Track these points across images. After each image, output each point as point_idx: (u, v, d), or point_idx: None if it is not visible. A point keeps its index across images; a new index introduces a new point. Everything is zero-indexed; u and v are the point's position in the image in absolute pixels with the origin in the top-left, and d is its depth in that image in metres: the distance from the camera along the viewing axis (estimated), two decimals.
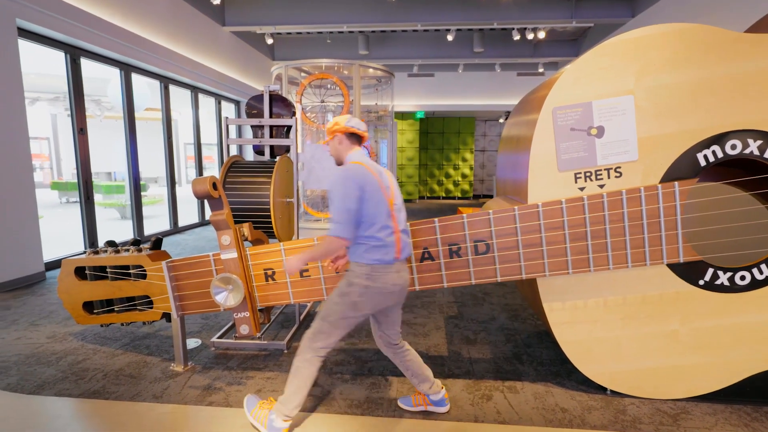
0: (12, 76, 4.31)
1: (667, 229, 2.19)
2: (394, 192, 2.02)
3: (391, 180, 2.05)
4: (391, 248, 1.95)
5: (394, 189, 2.04)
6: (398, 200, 2.04)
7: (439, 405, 2.22)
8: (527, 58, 10.69)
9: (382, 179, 1.97)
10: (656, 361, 2.32)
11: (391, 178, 2.06)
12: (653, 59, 2.12)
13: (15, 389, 2.44)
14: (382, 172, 2.00)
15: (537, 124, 2.23)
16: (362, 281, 1.93)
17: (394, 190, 2.03)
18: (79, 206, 5.56)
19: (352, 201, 1.84)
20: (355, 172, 1.89)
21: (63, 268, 2.71)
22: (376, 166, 2.00)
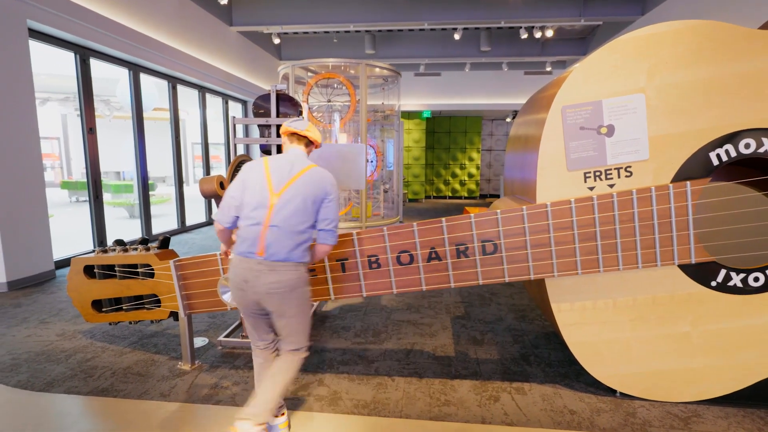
0: (23, 76, 4.36)
1: (679, 229, 2.15)
2: (289, 189, 1.85)
3: (304, 178, 1.87)
4: (248, 240, 1.83)
5: (294, 187, 1.85)
6: (291, 199, 1.83)
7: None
8: (535, 57, 10.62)
9: (278, 174, 1.87)
10: (667, 363, 2.29)
11: (303, 177, 1.87)
12: (665, 57, 2.09)
13: (25, 386, 2.46)
14: (288, 168, 1.89)
15: (546, 122, 2.20)
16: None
17: (294, 188, 1.85)
18: (89, 205, 5.61)
19: (234, 189, 1.92)
20: (249, 165, 1.97)
21: (72, 267, 2.73)
22: (286, 162, 1.91)
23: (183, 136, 13.53)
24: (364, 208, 6.82)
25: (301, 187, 1.87)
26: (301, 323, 1.96)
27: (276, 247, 1.83)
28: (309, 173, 1.92)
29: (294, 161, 1.95)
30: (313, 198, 1.89)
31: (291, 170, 1.91)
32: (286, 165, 1.93)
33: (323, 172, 1.96)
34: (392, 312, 3.72)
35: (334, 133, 7.46)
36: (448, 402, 2.33)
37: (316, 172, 1.93)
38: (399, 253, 2.33)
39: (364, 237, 2.35)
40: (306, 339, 2.00)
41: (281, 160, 1.95)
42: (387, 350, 2.97)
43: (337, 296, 2.45)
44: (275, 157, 1.98)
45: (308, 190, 1.88)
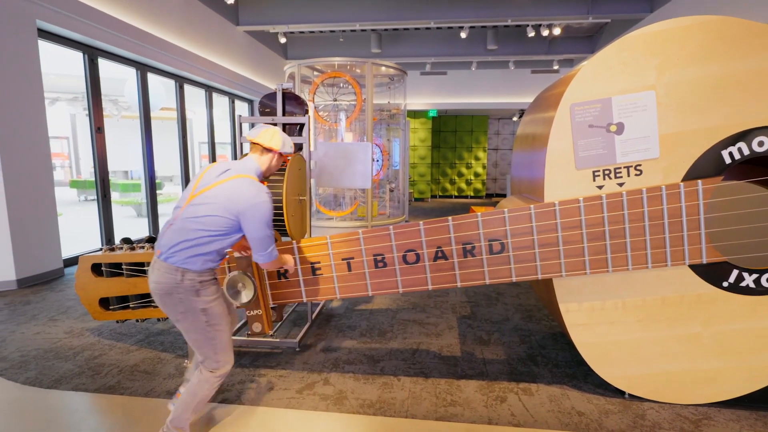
0: (32, 76, 4.40)
1: (690, 228, 2.12)
2: (205, 194, 1.78)
3: (222, 187, 1.78)
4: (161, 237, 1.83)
5: (210, 193, 1.77)
6: (201, 203, 1.77)
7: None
8: (542, 56, 10.54)
9: (208, 177, 1.83)
10: (677, 364, 2.26)
11: (222, 185, 1.78)
12: (676, 53, 2.06)
13: (34, 383, 2.48)
14: (219, 173, 1.83)
15: (554, 121, 2.18)
16: None
17: (209, 194, 1.77)
18: (97, 204, 5.66)
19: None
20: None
21: (80, 265, 2.75)
22: (225, 167, 1.85)
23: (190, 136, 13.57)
24: (369, 208, 6.81)
25: (213, 196, 1.76)
26: (194, 340, 1.84)
27: (164, 245, 1.78)
28: (229, 183, 1.77)
29: (232, 168, 1.85)
30: (224, 209, 1.75)
31: (219, 176, 1.81)
32: (221, 169, 1.85)
33: (242, 187, 1.76)
34: (398, 311, 3.71)
35: (340, 133, 7.46)
36: (455, 402, 2.31)
37: (235, 185, 1.77)
38: (405, 252, 2.32)
39: (369, 236, 2.34)
40: (213, 360, 1.85)
41: (223, 165, 1.88)
42: (393, 350, 2.96)
43: (342, 295, 2.44)
44: (225, 162, 1.94)
45: (219, 200, 1.75)
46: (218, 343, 1.87)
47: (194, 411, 1.92)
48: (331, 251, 2.40)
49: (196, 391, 1.88)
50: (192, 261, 1.77)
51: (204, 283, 1.82)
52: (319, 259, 2.43)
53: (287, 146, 1.98)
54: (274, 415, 2.19)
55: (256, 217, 1.76)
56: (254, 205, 1.75)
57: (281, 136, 1.96)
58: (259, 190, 1.78)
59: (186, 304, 1.78)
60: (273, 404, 2.28)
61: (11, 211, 4.18)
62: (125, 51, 5.71)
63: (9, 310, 3.67)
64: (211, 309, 1.83)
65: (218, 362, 1.89)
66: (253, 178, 1.84)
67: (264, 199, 1.77)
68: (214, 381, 1.90)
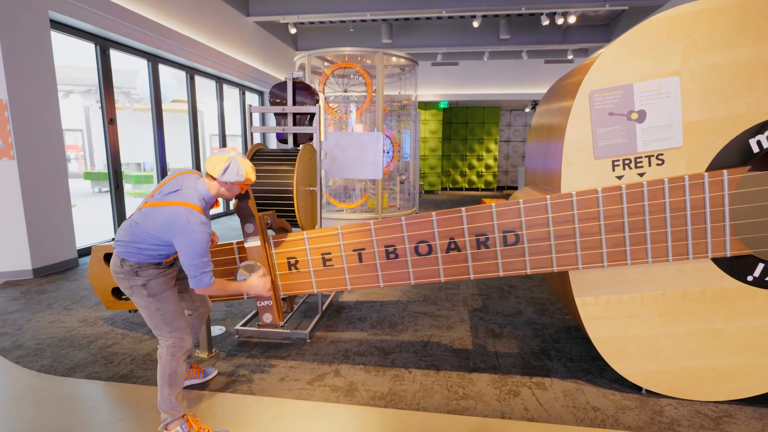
0: (45, 67, 4.42)
1: (714, 220, 2.04)
2: (149, 209, 1.89)
3: (160, 210, 1.86)
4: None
5: (151, 211, 1.88)
6: (145, 214, 1.88)
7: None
8: (556, 45, 10.31)
9: (161, 192, 1.92)
10: (697, 360, 2.19)
11: (161, 208, 1.86)
12: (702, 37, 1.96)
13: (48, 371, 2.51)
14: (168, 191, 1.90)
15: (572, 109, 2.10)
16: None
17: (150, 211, 1.88)
18: (110, 195, 5.71)
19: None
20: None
21: (93, 255, 2.77)
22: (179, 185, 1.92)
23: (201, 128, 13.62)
24: (380, 200, 6.77)
25: (156, 216, 1.85)
26: (146, 316, 1.96)
27: (118, 232, 1.95)
28: (169, 210, 1.84)
29: (182, 189, 1.89)
30: (159, 233, 1.84)
31: (168, 194, 1.88)
32: (176, 186, 1.90)
33: (176, 217, 1.81)
34: (408, 303, 3.68)
35: (351, 124, 7.41)
36: (467, 395, 2.28)
37: (172, 213, 1.82)
38: (417, 243, 2.28)
39: (381, 226, 2.31)
40: (165, 332, 1.95)
41: (179, 181, 1.93)
42: (404, 342, 2.93)
43: (353, 286, 2.42)
44: (185, 176, 1.96)
45: (157, 224, 1.84)
46: (165, 313, 1.95)
47: (171, 386, 1.93)
48: (342, 242, 2.37)
49: (164, 368, 1.94)
50: (131, 255, 1.90)
51: (142, 267, 1.92)
52: (330, 250, 2.40)
53: (229, 175, 1.88)
54: (285, 406, 2.18)
55: (185, 246, 1.81)
56: (184, 235, 1.80)
57: (226, 165, 1.87)
58: (190, 222, 1.81)
59: (129, 281, 1.92)
60: (283, 395, 2.28)
61: (26, 201, 4.23)
62: (137, 42, 5.71)
63: (25, 299, 3.72)
64: (150, 283, 1.92)
65: (170, 332, 1.95)
66: (192, 207, 1.84)
67: (194, 230, 1.80)
68: (174, 353, 1.95)
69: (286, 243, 2.45)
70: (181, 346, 1.96)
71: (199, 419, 2.03)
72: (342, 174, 3.29)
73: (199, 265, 1.83)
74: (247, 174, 1.94)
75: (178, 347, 1.96)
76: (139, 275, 1.91)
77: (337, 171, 3.29)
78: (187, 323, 2.03)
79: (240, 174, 1.91)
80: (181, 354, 1.96)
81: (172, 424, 1.93)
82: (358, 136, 3.29)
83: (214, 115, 8.64)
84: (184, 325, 2.00)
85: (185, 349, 1.98)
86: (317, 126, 3.13)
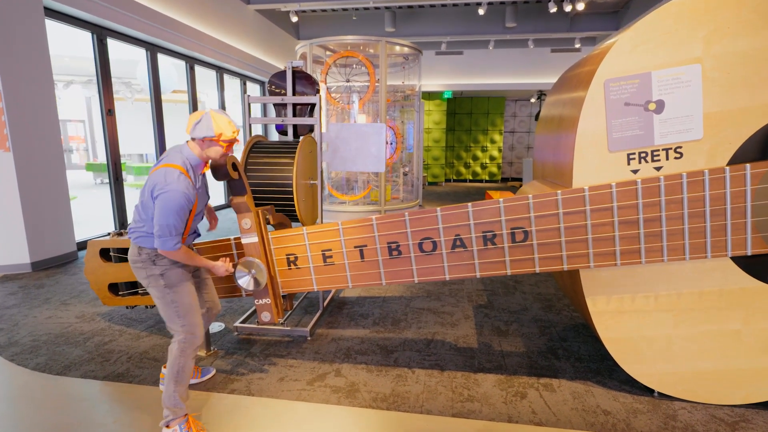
0: (40, 56, 4.31)
1: (734, 217, 1.94)
2: (148, 176, 1.93)
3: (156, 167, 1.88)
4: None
5: (149, 175, 1.90)
6: (144, 185, 1.89)
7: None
8: (563, 33, 10.08)
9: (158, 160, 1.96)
10: (713, 362, 2.10)
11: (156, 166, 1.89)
12: (727, 21, 1.84)
13: (43, 369, 2.45)
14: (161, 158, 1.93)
15: (585, 98, 1.99)
16: None
17: (149, 176, 1.90)
18: (109, 187, 5.64)
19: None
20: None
21: (88, 250, 2.69)
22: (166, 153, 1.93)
23: None
24: (383, 192, 6.67)
25: (146, 185, 1.85)
26: (160, 306, 1.94)
27: (129, 224, 1.97)
28: (155, 173, 1.84)
29: (168, 155, 1.90)
30: (149, 198, 1.82)
31: (155, 165, 1.89)
32: (161, 156, 1.92)
33: (159, 176, 1.80)
34: (412, 299, 3.60)
35: (353, 114, 7.28)
36: (472, 397, 2.21)
37: (156, 174, 1.82)
38: (421, 240, 2.19)
39: (384, 222, 2.21)
40: (179, 325, 1.92)
41: (166, 152, 1.95)
42: (407, 339, 2.86)
43: (355, 284, 2.33)
44: (178, 145, 1.95)
45: (146, 190, 1.84)
46: (180, 306, 1.92)
47: (178, 383, 1.90)
48: (343, 238, 2.28)
49: (172, 363, 1.91)
50: (143, 240, 1.88)
51: (159, 255, 1.89)
52: (330, 246, 2.32)
53: (199, 130, 1.83)
54: (285, 408, 2.12)
55: (160, 203, 1.76)
56: (162, 192, 1.77)
57: (197, 120, 1.83)
58: (169, 180, 1.77)
59: (147, 270, 1.90)
60: (283, 396, 2.21)
61: (23, 194, 4.16)
62: (135, 31, 5.59)
63: (23, 293, 3.67)
64: (167, 273, 1.90)
65: (183, 326, 1.92)
66: (176, 167, 1.81)
67: (172, 188, 1.76)
68: (185, 348, 1.92)
69: (285, 239, 2.36)
70: (191, 343, 1.93)
71: (200, 422, 1.97)
72: (344, 167, 3.19)
73: (165, 226, 1.77)
74: (218, 128, 1.83)
75: (188, 343, 1.93)
76: (156, 264, 1.88)
77: (339, 164, 3.19)
78: (200, 320, 2.00)
79: (210, 128, 1.82)
80: (190, 351, 1.94)
81: (173, 421, 1.89)
82: (360, 127, 3.18)
83: (215, 106, 8.52)
84: (197, 321, 1.97)
85: (195, 346, 1.95)
86: (318, 117, 3.03)
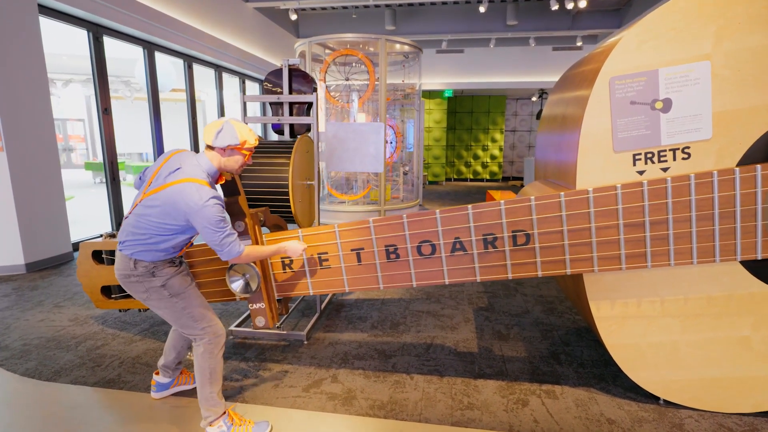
0: (34, 54, 4.25)
1: (744, 220, 1.87)
2: (154, 196, 1.73)
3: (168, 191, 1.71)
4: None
5: (158, 196, 1.72)
6: (151, 205, 1.73)
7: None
8: (564, 31, 10.00)
9: (161, 175, 1.76)
10: (721, 370, 2.04)
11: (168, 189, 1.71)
12: (738, 16, 1.77)
13: (33, 374, 2.40)
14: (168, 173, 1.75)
15: (590, 97, 1.92)
16: None
17: (157, 196, 1.72)
18: (106, 187, 5.58)
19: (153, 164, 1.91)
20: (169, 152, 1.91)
21: (81, 252, 2.63)
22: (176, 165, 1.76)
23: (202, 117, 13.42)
24: (383, 191, 6.60)
25: (161, 201, 1.72)
26: (170, 317, 1.86)
27: (121, 236, 1.81)
28: (174, 188, 1.70)
29: (183, 166, 1.75)
30: (171, 216, 1.72)
31: (169, 176, 1.74)
32: (174, 166, 1.76)
33: (185, 193, 1.68)
34: (411, 302, 3.54)
35: (353, 113, 7.21)
36: (472, 405, 2.14)
37: (179, 190, 1.69)
38: (420, 243, 2.12)
39: (381, 225, 2.15)
40: (198, 329, 1.86)
41: (177, 160, 1.78)
42: (405, 344, 2.79)
43: (351, 288, 2.27)
44: (182, 155, 1.82)
45: (167, 208, 1.71)
46: (192, 310, 1.86)
47: (213, 383, 1.88)
48: (340, 241, 2.22)
49: (203, 366, 1.86)
50: (143, 254, 1.78)
51: (158, 266, 1.81)
52: (327, 250, 2.25)
53: (223, 138, 1.76)
54: (279, 415, 2.06)
55: (203, 223, 1.69)
56: (199, 212, 1.68)
57: (218, 128, 1.76)
58: (200, 196, 1.68)
59: (145, 284, 1.81)
60: (278, 403, 2.15)
61: (17, 194, 4.10)
62: (131, 29, 5.52)
63: (16, 295, 3.62)
64: (170, 283, 1.83)
65: (203, 329, 1.86)
66: (198, 181, 1.71)
67: (206, 204, 1.68)
68: (212, 349, 1.87)
69: (280, 242, 2.30)
70: (217, 342, 1.89)
71: (238, 413, 1.96)
72: (341, 167, 3.13)
73: (223, 237, 1.72)
74: (242, 135, 1.81)
75: (214, 343, 1.88)
76: (155, 275, 1.80)
77: (336, 164, 3.12)
78: (215, 315, 1.94)
79: (234, 136, 1.78)
80: (218, 349, 1.89)
81: (215, 420, 1.87)
82: (358, 126, 3.11)
83: (214, 104, 8.46)
84: (215, 319, 1.92)
85: (222, 344, 1.91)
86: (315, 115, 2.96)
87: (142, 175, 1.91)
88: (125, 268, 1.80)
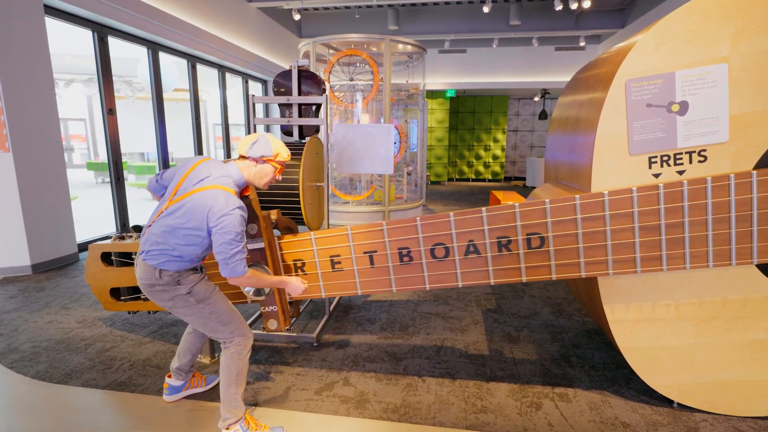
0: (40, 54, 4.24)
1: (761, 223, 1.86)
2: (180, 203, 1.73)
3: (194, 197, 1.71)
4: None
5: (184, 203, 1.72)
6: (174, 212, 1.73)
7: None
8: (568, 31, 9.98)
9: (188, 181, 1.76)
10: (736, 373, 2.03)
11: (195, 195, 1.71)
12: (756, 18, 1.76)
13: (44, 377, 2.39)
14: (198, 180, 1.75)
15: (606, 99, 1.91)
16: None
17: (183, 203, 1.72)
18: (110, 187, 5.57)
19: (176, 166, 1.92)
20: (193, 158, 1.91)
21: (89, 254, 2.62)
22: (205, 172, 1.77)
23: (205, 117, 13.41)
24: (387, 192, 6.59)
25: (187, 208, 1.72)
26: (197, 322, 1.87)
27: (143, 246, 1.80)
28: (201, 194, 1.71)
29: (212, 174, 1.76)
30: (195, 223, 1.71)
31: (197, 183, 1.74)
32: (203, 174, 1.76)
33: (211, 200, 1.68)
34: (419, 304, 3.53)
35: (357, 113, 7.20)
36: (485, 408, 2.14)
37: (205, 196, 1.69)
38: (433, 245, 2.11)
39: (394, 227, 2.14)
40: (227, 332, 1.87)
41: (206, 168, 1.79)
42: (416, 346, 2.79)
43: (364, 291, 2.26)
44: (211, 163, 1.82)
45: (192, 215, 1.71)
46: (220, 315, 1.87)
47: (239, 385, 1.89)
48: (352, 243, 2.21)
49: (230, 367, 1.87)
50: (167, 264, 1.77)
51: (182, 274, 1.81)
52: (339, 252, 2.25)
53: (257, 149, 1.82)
54: (293, 419, 2.05)
55: (223, 230, 1.67)
56: (223, 218, 1.67)
57: (254, 140, 1.83)
58: (227, 203, 1.68)
59: (170, 292, 1.80)
60: (291, 406, 2.14)
61: (23, 195, 4.09)
62: (135, 29, 5.51)
63: (23, 296, 3.61)
64: (195, 289, 1.83)
65: (231, 332, 1.88)
66: (226, 189, 1.72)
67: (231, 212, 1.67)
68: (240, 351, 1.89)
69: (292, 244, 2.29)
70: (246, 345, 1.91)
71: (254, 418, 1.96)
72: (351, 168, 3.12)
73: (235, 252, 1.70)
74: (276, 148, 1.84)
75: (243, 346, 1.90)
76: (181, 283, 1.80)
77: (346, 165, 3.11)
78: (242, 318, 1.95)
79: (269, 148, 1.82)
80: (246, 352, 1.91)
81: (233, 423, 1.87)
82: (367, 128, 3.10)
83: (217, 104, 8.45)
84: (242, 322, 1.93)
85: (250, 345, 1.93)
86: (324, 117, 2.95)
87: (158, 179, 1.91)
88: (150, 278, 1.78)
